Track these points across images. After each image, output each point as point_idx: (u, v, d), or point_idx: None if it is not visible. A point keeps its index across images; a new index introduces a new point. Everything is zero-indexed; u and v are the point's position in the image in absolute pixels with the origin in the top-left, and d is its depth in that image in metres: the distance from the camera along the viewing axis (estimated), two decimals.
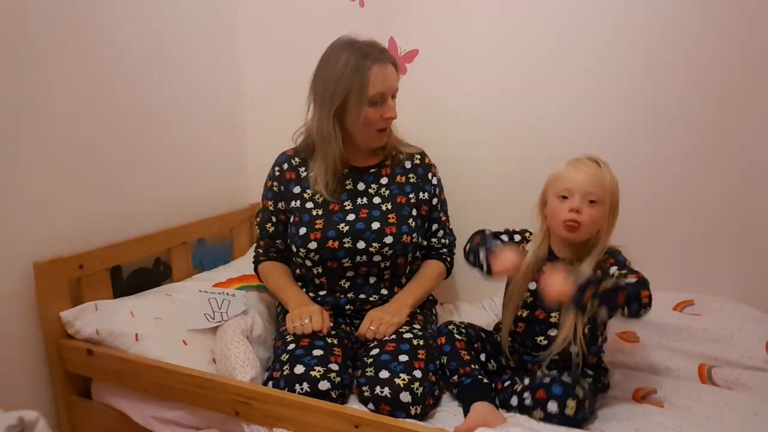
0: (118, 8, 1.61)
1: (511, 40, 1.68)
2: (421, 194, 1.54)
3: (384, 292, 1.49)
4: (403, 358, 1.27)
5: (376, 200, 1.50)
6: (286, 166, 1.55)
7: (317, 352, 1.29)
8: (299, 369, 1.25)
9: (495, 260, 1.23)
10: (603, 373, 1.32)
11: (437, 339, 1.35)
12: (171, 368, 1.30)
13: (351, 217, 1.46)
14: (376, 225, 1.45)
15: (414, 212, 1.51)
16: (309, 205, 1.49)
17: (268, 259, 1.59)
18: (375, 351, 1.31)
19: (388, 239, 1.44)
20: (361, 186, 1.52)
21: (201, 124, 1.94)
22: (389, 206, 1.49)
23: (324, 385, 1.22)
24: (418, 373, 1.23)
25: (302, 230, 1.46)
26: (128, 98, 1.66)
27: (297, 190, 1.52)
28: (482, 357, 1.35)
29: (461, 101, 1.78)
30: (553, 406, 1.12)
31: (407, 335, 1.35)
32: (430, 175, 1.58)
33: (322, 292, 1.50)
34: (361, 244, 1.43)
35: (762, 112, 1.45)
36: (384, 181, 1.53)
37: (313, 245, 1.44)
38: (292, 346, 1.32)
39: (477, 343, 1.36)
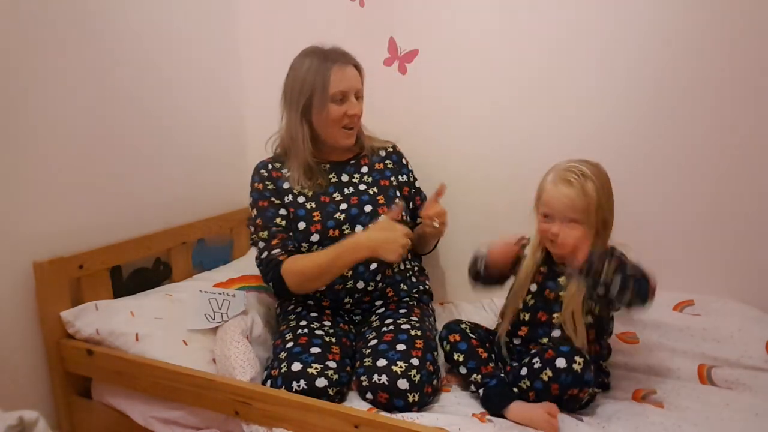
0: (119, 9, 1.62)
1: (511, 40, 1.68)
2: (400, 177, 1.65)
3: (378, 278, 1.51)
4: (401, 347, 1.29)
5: (362, 187, 1.57)
6: (270, 166, 1.58)
7: (315, 350, 1.31)
8: (296, 366, 1.26)
9: (491, 250, 1.33)
10: (603, 376, 1.32)
11: (450, 336, 1.34)
12: (171, 368, 1.30)
13: (344, 206, 1.52)
14: (368, 208, 1.52)
15: (398, 193, 1.60)
16: (301, 199, 1.53)
17: (288, 254, 1.46)
18: (373, 342, 1.34)
19: (382, 218, 1.46)
20: (344, 177, 1.58)
21: (201, 124, 1.94)
22: (375, 190, 1.57)
23: (321, 383, 1.23)
24: (415, 361, 1.26)
25: (301, 225, 1.49)
26: (128, 98, 1.67)
27: (286, 185, 1.55)
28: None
29: (461, 101, 1.78)
30: (561, 362, 1.14)
31: (405, 326, 1.38)
32: (404, 160, 1.70)
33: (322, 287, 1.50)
34: (359, 229, 1.48)
35: (762, 112, 1.45)
36: (365, 169, 1.61)
37: (315, 237, 1.47)
38: (290, 344, 1.33)
39: (487, 343, 1.36)
